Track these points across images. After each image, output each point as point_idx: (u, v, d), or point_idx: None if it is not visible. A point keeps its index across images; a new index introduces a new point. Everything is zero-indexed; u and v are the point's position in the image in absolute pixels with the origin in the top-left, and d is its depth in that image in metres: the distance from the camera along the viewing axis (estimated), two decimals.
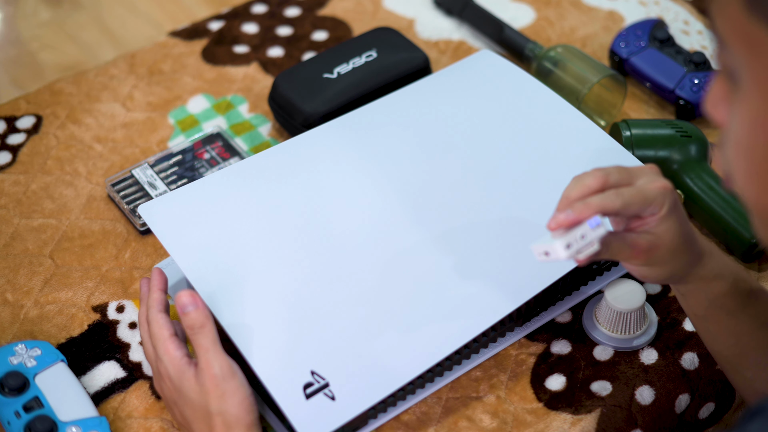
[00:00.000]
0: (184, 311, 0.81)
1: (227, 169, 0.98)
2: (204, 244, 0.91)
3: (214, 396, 0.79)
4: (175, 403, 0.83)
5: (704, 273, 0.82)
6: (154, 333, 0.84)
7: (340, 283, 0.90)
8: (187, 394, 0.81)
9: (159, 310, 0.85)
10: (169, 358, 0.82)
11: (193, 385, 0.80)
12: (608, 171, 0.79)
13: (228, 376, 0.80)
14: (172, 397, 0.83)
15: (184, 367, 0.81)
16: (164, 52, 1.23)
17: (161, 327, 0.83)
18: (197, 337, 0.81)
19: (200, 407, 0.80)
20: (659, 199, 0.78)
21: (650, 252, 0.79)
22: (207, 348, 0.81)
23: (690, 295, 0.83)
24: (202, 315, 0.81)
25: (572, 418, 0.89)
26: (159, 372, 0.84)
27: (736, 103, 0.58)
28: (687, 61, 1.13)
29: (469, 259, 0.91)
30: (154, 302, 0.85)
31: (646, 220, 0.79)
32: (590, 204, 0.76)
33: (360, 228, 0.93)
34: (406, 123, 1.03)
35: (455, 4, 1.25)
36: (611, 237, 0.78)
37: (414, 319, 0.88)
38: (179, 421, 0.84)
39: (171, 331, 0.83)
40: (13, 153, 1.11)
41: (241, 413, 0.79)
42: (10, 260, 1.02)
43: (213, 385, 0.79)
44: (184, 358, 0.82)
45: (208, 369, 0.80)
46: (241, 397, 0.80)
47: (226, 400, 0.79)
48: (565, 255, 0.76)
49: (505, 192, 0.96)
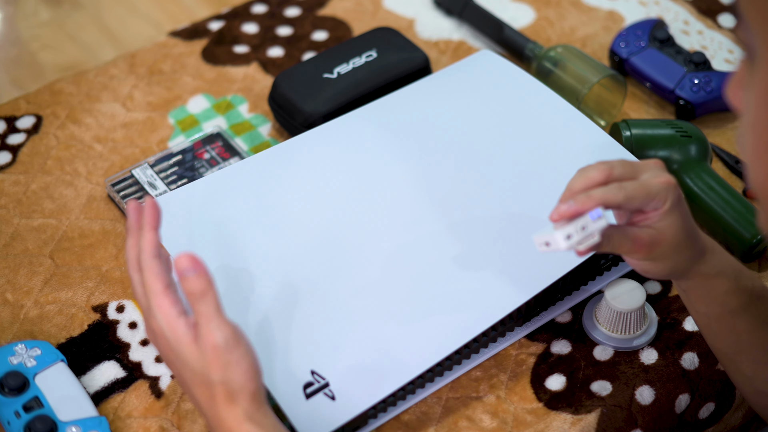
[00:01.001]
0: (185, 276, 0.74)
1: (227, 169, 0.98)
2: (204, 243, 0.91)
3: (217, 366, 0.74)
4: (171, 362, 0.77)
5: (706, 270, 0.82)
6: (147, 283, 0.76)
7: (339, 283, 0.90)
8: (185, 358, 0.75)
9: (153, 255, 0.76)
10: (163, 314, 0.75)
11: (192, 351, 0.74)
12: (612, 164, 0.78)
13: (232, 345, 0.74)
14: (167, 355, 0.77)
15: (182, 328, 0.75)
16: (164, 52, 1.23)
17: (155, 277, 0.76)
18: (198, 305, 0.74)
19: (200, 374, 0.75)
20: (662, 194, 0.78)
21: (652, 247, 0.79)
22: (209, 316, 0.74)
23: (692, 292, 0.83)
24: (203, 281, 0.74)
25: (572, 418, 0.89)
26: (151, 327, 0.77)
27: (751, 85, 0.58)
28: (687, 61, 1.13)
29: (469, 260, 0.91)
30: (148, 245, 0.77)
31: (649, 214, 0.78)
32: (593, 196, 0.76)
33: (360, 228, 0.93)
34: (406, 123, 1.03)
35: (455, 4, 1.25)
36: (613, 230, 0.78)
37: (414, 319, 0.88)
38: (176, 377, 0.78)
39: (166, 283, 0.76)
40: (13, 153, 1.11)
41: (245, 381, 0.74)
42: (10, 260, 1.02)
43: (215, 356, 0.74)
44: (181, 318, 0.75)
45: (209, 338, 0.74)
46: (246, 365, 0.74)
47: (230, 370, 0.74)
48: (565, 245, 0.75)
49: (505, 193, 0.96)
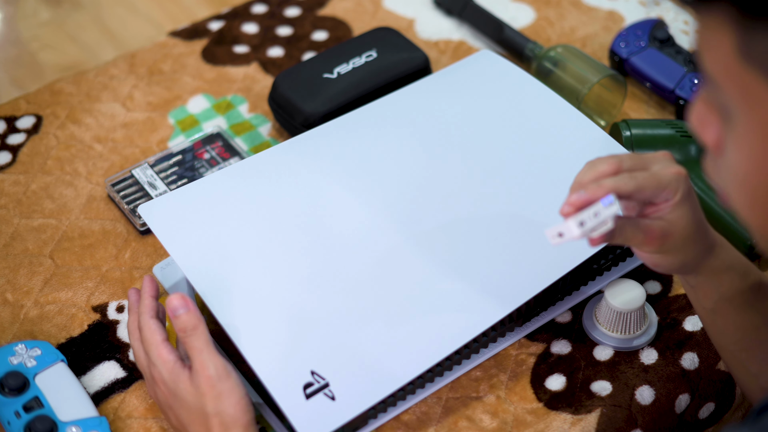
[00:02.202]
0: (176, 314, 0.81)
1: (227, 169, 0.98)
2: (204, 244, 0.91)
3: (210, 397, 0.79)
4: (170, 407, 0.82)
5: (716, 264, 0.81)
6: (146, 338, 0.83)
7: (340, 283, 0.90)
8: (182, 396, 0.80)
9: (151, 315, 0.84)
10: (162, 361, 0.81)
11: (188, 388, 0.80)
12: (622, 157, 0.78)
13: (223, 376, 0.79)
14: (167, 401, 0.82)
15: (178, 370, 0.81)
16: (164, 52, 1.23)
17: (153, 332, 0.83)
18: (190, 339, 0.81)
19: (196, 409, 0.80)
20: (673, 185, 0.77)
21: (663, 239, 0.78)
22: (201, 349, 0.80)
23: (700, 288, 0.83)
24: (194, 317, 0.81)
25: (572, 418, 0.89)
26: (153, 377, 0.83)
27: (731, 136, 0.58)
28: (687, 61, 1.13)
29: (470, 259, 0.91)
30: (146, 308, 0.85)
31: (660, 206, 0.78)
32: (603, 185, 0.76)
33: (360, 228, 0.93)
34: (406, 123, 1.03)
35: (455, 4, 1.25)
36: (625, 222, 0.77)
37: (414, 319, 0.88)
38: (175, 425, 0.83)
39: (163, 336, 0.83)
40: (13, 153, 1.11)
41: (237, 413, 0.79)
42: (10, 260, 1.02)
43: (209, 386, 0.79)
44: (178, 362, 0.81)
45: (203, 370, 0.79)
46: (237, 397, 0.79)
47: (222, 401, 0.79)
48: (579, 233, 0.74)
49: (505, 192, 0.96)
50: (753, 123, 0.55)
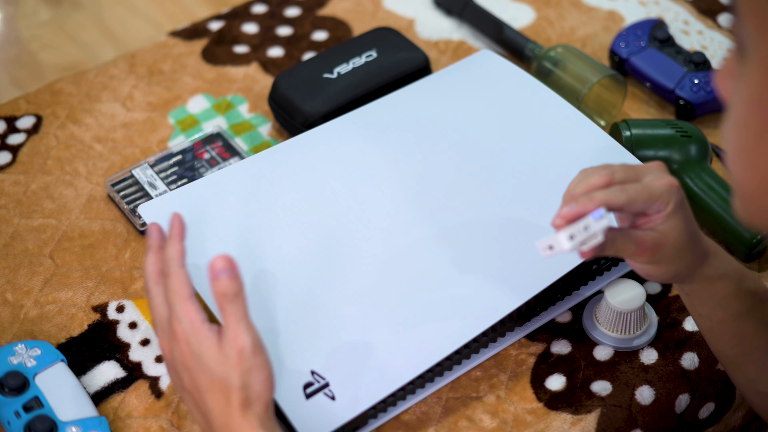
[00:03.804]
0: (218, 277, 0.75)
1: (227, 169, 0.98)
2: (203, 244, 0.91)
3: (240, 369, 0.75)
4: (188, 368, 0.77)
5: (709, 273, 0.81)
6: (174, 289, 0.77)
7: (339, 283, 0.90)
8: (207, 362, 0.75)
9: (180, 263, 0.78)
10: (190, 319, 0.76)
11: (215, 354, 0.75)
12: (614, 168, 0.78)
13: (258, 350, 0.75)
14: (185, 362, 0.77)
15: (207, 332, 0.76)
16: (164, 52, 1.23)
17: (183, 284, 0.77)
18: (229, 306, 0.75)
19: (220, 377, 0.75)
20: (665, 196, 0.77)
21: (655, 249, 0.78)
22: (239, 318, 0.75)
23: (694, 295, 0.83)
24: (237, 283, 0.75)
25: (572, 418, 0.89)
26: (174, 333, 0.77)
27: (740, 79, 0.58)
28: (687, 61, 1.13)
29: (470, 259, 0.91)
30: (176, 253, 0.78)
31: (652, 217, 0.78)
32: (594, 198, 0.76)
33: (359, 228, 0.93)
34: (406, 123, 1.03)
35: (455, 4, 1.25)
36: (616, 233, 0.78)
37: (414, 319, 0.88)
38: (187, 387, 0.78)
39: (192, 291, 0.77)
40: (13, 153, 1.11)
41: (263, 389, 0.75)
42: (10, 260, 1.02)
43: (240, 358, 0.75)
44: (206, 322, 0.76)
45: (236, 340, 0.75)
46: (267, 373, 0.75)
47: (251, 375, 0.75)
48: (569, 246, 0.75)
49: (505, 192, 0.96)
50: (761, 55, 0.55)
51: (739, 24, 0.57)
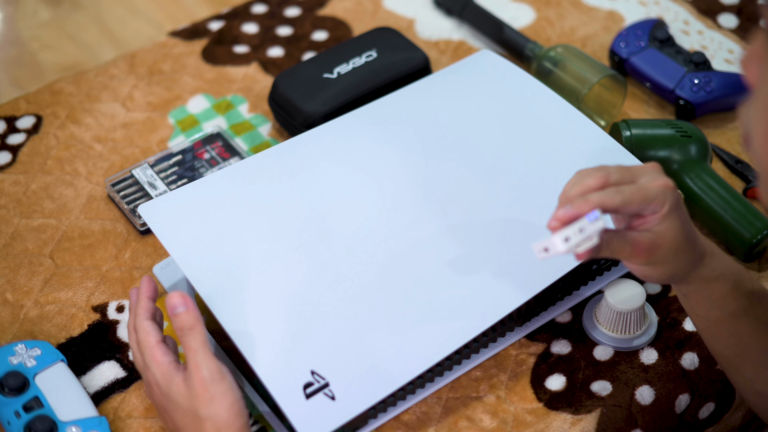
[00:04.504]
0: (174, 312, 0.80)
1: (227, 169, 0.98)
2: (204, 244, 0.91)
3: (203, 399, 0.78)
4: (165, 409, 0.82)
5: (706, 273, 0.81)
6: (141, 340, 0.82)
7: (340, 283, 0.90)
8: (176, 399, 0.80)
9: (146, 317, 0.83)
10: (156, 363, 0.81)
11: (182, 390, 0.79)
12: (609, 170, 0.78)
13: (217, 379, 0.79)
14: (161, 404, 0.82)
15: (172, 372, 0.80)
16: (164, 52, 1.23)
17: (147, 334, 0.82)
18: (186, 339, 0.80)
19: (189, 412, 0.79)
20: (660, 197, 0.77)
21: (651, 251, 0.78)
22: (196, 350, 0.79)
23: (692, 296, 0.83)
24: (192, 316, 0.80)
25: (572, 418, 0.89)
26: (147, 380, 0.83)
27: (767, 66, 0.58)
28: (687, 61, 1.13)
29: (470, 259, 0.91)
30: (142, 310, 0.84)
31: (648, 218, 0.78)
32: (589, 200, 0.76)
33: (360, 228, 0.93)
34: (406, 123, 1.03)
35: (455, 4, 1.25)
36: (612, 235, 0.78)
37: (414, 318, 0.88)
38: (171, 428, 0.83)
39: (158, 338, 0.82)
40: (13, 153, 1.11)
41: (230, 417, 0.78)
42: (10, 260, 1.02)
43: (202, 389, 0.78)
44: (172, 363, 0.81)
45: (196, 372, 0.79)
46: (231, 400, 0.79)
47: (215, 404, 0.78)
48: (564, 248, 0.75)
49: (505, 192, 0.96)
50: None
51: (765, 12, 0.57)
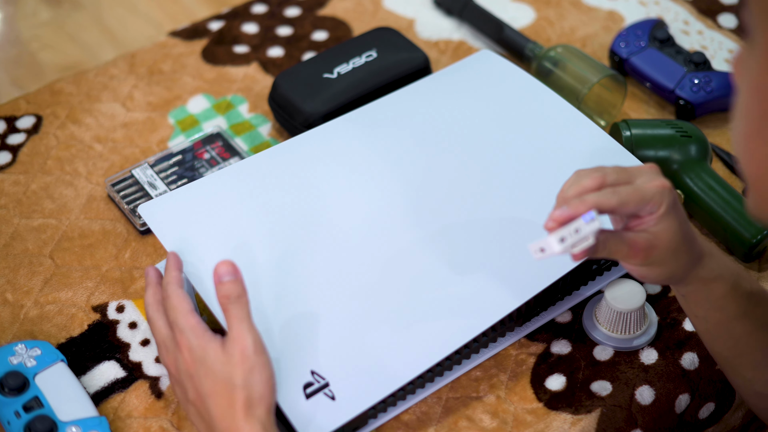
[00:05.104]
0: (222, 280, 0.80)
1: (227, 169, 0.98)
2: (204, 244, 0.91)
3: (242, 368, 0.78)
4: (192, 376, 0.80)
5: (704, 274, 0.81)
6: (174, 306, 0.82)
7: (340, 283, 0.90)
8: (210, 364, 0.79)
9: (179, 286, 0.84)
10: (191, 327, 0.80)
11: (219, 356, 0.79)
12: (606, 171, 0.78)
13: (259, 350, 0.78)
14: (188, 370, 0.80)
15: (210, 337, 0.80)
16: (164, 52, 1.23)
17: (182, 300, 0.82)
18: (233, 307, 0.79)
19: (223, 378, 0.78)
20: (657, 198, 0.77)
21: (649, 251, 0.78)
22: (241, 318, 0.79)
23: (690, 296, 0.83)
24: (240, 285, 0.80)
25: (572, 418, 0.89)
26: (177, 344, 0.81)
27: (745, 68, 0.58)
28: (687, 61, 1.13)
29: (469, 259, 0.91)
30: (174, 279, 0.85)
31: (645, 219, 0.78)
32: (586, 200, 0.76)
33: (360, 228, 0.93)
34: (406, 123, 1.03)
35: (455, 4, 1.25)
36: (609, 235, 0.78)
37: (414, 319, 0.88)
38: (191, 398, 0.81)
39: (191, 306, 0.82)
40: (13, 153, 1.11)
41: (265, 391, 0.78)
42: (10, 260, 1.02)
43: (243, 357, 0.78)
44: (209, 330, 0.81)
45: (240, 340, 0.78)
46: (269, 374, 0.78)
47: (254, 375, 0.78)
48: (560, 249, 0.75)
49: (505, 192, 0.96)
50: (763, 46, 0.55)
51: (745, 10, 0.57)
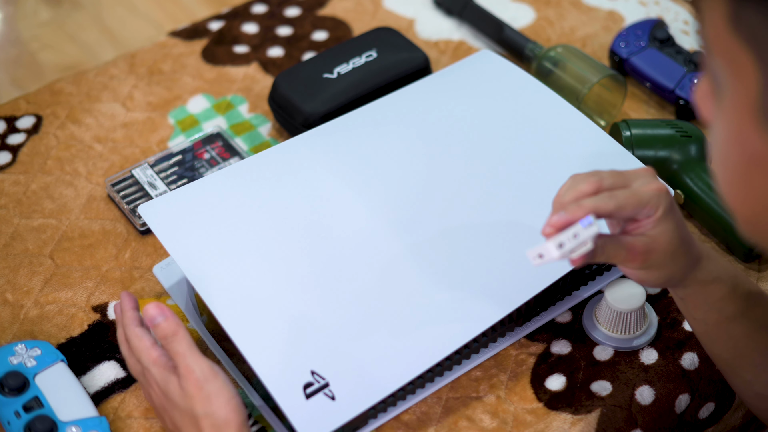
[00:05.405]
0: (154, 323, 0.81)
1: (227, 169, 0.98)
2: (204, 244, 0.91)
3: (199, 399, 0.79)
4: (165, 409, 0.82)
5: (702, 276, 0.81)
6: (135, 346, 0.83)
7: (340, 283, 0.90)
8: (174, 399, 0.80)
9: (135, 325, 0.84)
10: (153, 362, 0.81)
11: (177, 390, 0.80)
12: (602, 175, 0.78)
13: (210, 377, 0.79)
14: (161, 404, 0.82)
15: (169, 371, 0.81)
16: (164, 52, 1.23)
17: (140, 338, 0.83)
18: (172, 345, 0.81)
19: (187, 412, 0.79)
20: (654, 201, 0.77)
21: (646, 255, 0.78)
22: (183, 354, 0.80)
23: (689, 299, 0.83)
24: (172, 323, 0.81)
25: (572, 418, 0.89)
26: (147, 381, 0.83)
27: (718, 109, 0.58)
28: (687, 61, 1.13)
29: (470, 259, 0.91)
30: (129, 320, 0.85)
31: (642, 222, 0.78)
32: (583, 205, 0.76)
33: (360, 228, 0.93)
34: (406, 123, 1.03)
35: (455, 4, 1.25)
36: (607, 240, 0.78)
37: (414, 319, 0.88)
38: (170, 427, 0.83)
39: (151, 341, 0.83)
40: (13, 153, 1.11)
41: (228, 414, 0.78)
42: (10, 260, 1.02)
43: (196, 389, 0.79)
44: (168, 364, 0.81)
45: (188, 374, 0.79)
46: (227, 396, 0.79)
47: (211, 402, 0.78)
48: (558, 254, 0.75)
49: (505, 192, 0.96)
50: (736, 94, 0.55)
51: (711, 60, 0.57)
